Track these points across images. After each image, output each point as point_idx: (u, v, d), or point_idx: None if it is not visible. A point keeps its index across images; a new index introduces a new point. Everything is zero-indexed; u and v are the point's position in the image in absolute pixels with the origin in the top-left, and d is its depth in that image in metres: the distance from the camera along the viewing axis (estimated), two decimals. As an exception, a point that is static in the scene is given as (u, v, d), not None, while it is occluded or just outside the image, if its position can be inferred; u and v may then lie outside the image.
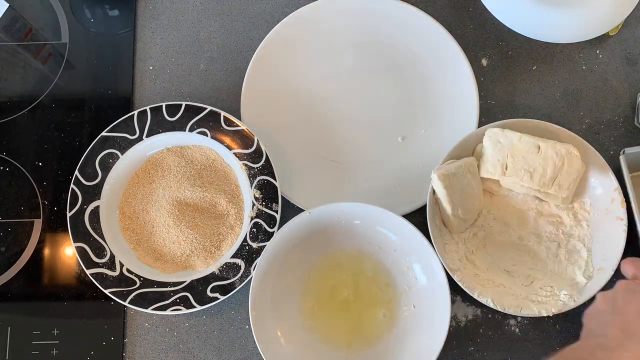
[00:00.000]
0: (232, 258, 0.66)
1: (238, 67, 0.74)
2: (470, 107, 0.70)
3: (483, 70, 0.74)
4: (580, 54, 0.74)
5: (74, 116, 0.74)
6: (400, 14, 0.73)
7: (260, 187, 0.67)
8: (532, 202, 0.67)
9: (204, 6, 0.78)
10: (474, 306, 0.67)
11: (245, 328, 0.67)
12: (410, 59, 0.74)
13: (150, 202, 0.69)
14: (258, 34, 0.75)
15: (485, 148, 0.64)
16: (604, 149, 0.71)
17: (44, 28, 0.78)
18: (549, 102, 0.73)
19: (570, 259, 0.65)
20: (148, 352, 0.67)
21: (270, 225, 0.66)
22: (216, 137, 0.69)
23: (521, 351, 0.66)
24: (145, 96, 0.75)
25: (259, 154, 0.68)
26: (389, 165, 0.71)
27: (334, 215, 0.64)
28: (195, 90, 0.75)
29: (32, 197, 0.71)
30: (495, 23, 0.72)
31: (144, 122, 0.69)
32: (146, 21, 0.77)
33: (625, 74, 0.74)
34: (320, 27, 0.74)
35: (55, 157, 0.72)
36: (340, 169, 0.71)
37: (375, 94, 0.73)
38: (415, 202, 0.68)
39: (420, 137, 0.72)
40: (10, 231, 0.70)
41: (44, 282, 0.69)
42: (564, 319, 0.67)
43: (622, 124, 0.72)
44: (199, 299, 0.65)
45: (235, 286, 0.65)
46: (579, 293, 0.62)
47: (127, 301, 0.65)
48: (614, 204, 0.64)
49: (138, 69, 0.76)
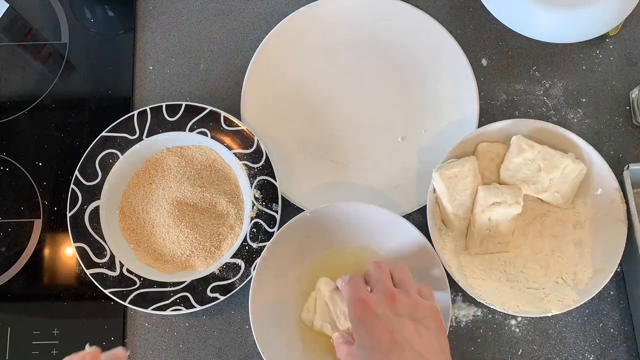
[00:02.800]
0: (232, 258, 0.66)
1: (238, 67, 0.74)
2: (470, 107, 0.70)
3: (483, 70, 0.74)
4: (580, 54, 0.74)
5: (74, 116, 0.74)
6: (400, 14, 0.73)
7: (260, 187, 0.67)
8: (532, 202, 0.67)
9: (204, 6, 0.78)
10: (474, 306, 0.67)
11: (245, 328, 0.67)
12: (410, 59, 0.74)
13: (150, 202, 0.69)
14: (258, 34, 0.76)
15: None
16: (604, 149, 0.71)
17: (44, 28, 0.78)
18: (549, 102, 0.73)
19: (570, 260, 0.65)
20: (148, 352, 0.67)
21: (270, 225, 0.66)
22: (216, 137, 0.69)
23: (521, 351, 0.66)
24: (145, 96, 0.75)
25: (259, 154, 0.68)
26: (389, 165, 0.71)
27: (334, 215, 0.64)
28: (195, 90, 0.75)
29: (32, 197, 0.71)
30: (495, 23, 0.72)
31: (144, 122, 0.69)
32: (146, 21, 0.77)
33: (625, 74, 0.74)
34: (320, 27, 0.74)
35: (55, 157, 0.72)
36: (340, 169, 0.71)
37: (375, 94, 0.73)
38: (415, 202, 0.69)
39: (420, 137, 0.72)
40: (10, 231, 0.70)
41: (44, 282, 0.69)
42: (564, 319, 0.67)
43: (622, 123, 0.72)
44: (199, 299, 0.65)
45: (235, 286, 0.65)
46: (579, 293, 0.62)
47: (127, 301, 0.65)
48: (613, 204, 0.64)
49: (138, 69, 0.76)
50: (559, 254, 0.65)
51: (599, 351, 0.66)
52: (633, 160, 0.70)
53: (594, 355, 0.65)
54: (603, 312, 0.67)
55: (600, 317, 0.66)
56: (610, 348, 0.66)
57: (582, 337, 0.66)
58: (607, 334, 0.66)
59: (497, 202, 0.63)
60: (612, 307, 0.67)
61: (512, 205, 0.63)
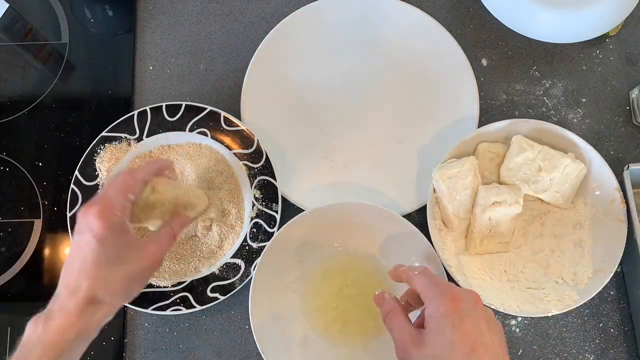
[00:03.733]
0: (232, 258, 0.66)
1: (238, 67, 0.74)
2: (470, 107, 0.70)
3: (483, 70, 0.74)
4: (580, 54, 0.74)
5: (74, 116, 0.74)
6: (400, 14, 0.73)
7: (260, 187, 0.67)
8: (532, 202, 0.67)
9: (204, 6, 0.78)
10: (474, 306, 0.67)
11: (245, 328, 0.67)
12: (410, 59, 0.74)
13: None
14: (258, 34, 0.75)
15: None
16: (604, 149, 0.71)
17: (44, 28, 0.78)
18: (549, 102, 0.73)
19: (570, 260, 0.65)
20: (148, 352, 0.67)
21: (270, 225, 0.66)
22: (216, 137, 0.69)
23: (521, 351, 0.66)
24: (145, 96, 0.75)
25: (259, 154, 0.68)
26: (389, 165, 0.71)
27: (334, 215, 0.64)
28: (195, 90, 0.75)
29: (32, 197, 0.71)
30: (495, 23, 0.72)
31: (144, 122, 0.69)
32: (146, 21, 0.77)
33: (625, 74, 0.74)
34: (320, 28, 0.74)
35: (55, 157, 0.72)
36: (340, 169, 0.71)
37: (375, 94, 0.73)
38: (415, 202, 0.69)
39: (420, 137, 0.72)
40: (10, 231, 0.70)
41: (44, 282, 0.69)
42: (564, 319, 0.67)
43: (622, 123, 0.72)
44: (199, 299, 0.65)
45: (235, 286, 0.65)
46: (579, 293, 0.62)
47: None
48: (613, 204, 0.64)
49: (138, 69, 0.76)
50: (559, 254, 0.65)
51: (599, 351, 0.66)
52: (633, 160, 0.70)
53: (594, 355, 0.65)
54: (603, 312, 0.67)
55: (600, 317, 0.66)
56: (610, 348, 0.66)
57: (582, 337, 0.66)
58: (607, 334, 0.66)
59: (497, 201, 0.63)
60: (612, 307, 0.67)
61: (512, 205, 0.62)
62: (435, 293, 0.49)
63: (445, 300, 0.48)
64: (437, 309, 0.48)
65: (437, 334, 0.47)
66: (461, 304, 0.48)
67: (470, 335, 0.47)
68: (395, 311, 0.52)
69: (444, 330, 0.47)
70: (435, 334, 0.47)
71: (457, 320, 0.47)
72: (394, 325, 0.51)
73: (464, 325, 0.47)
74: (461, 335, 0.47)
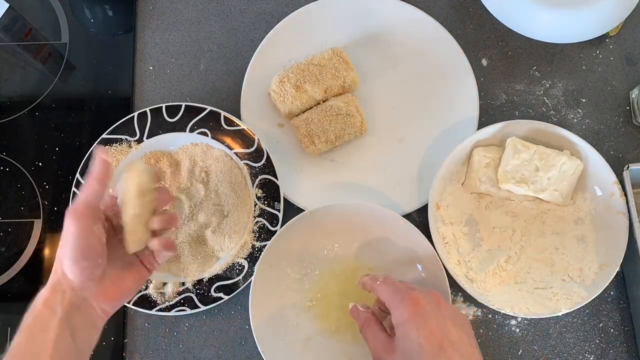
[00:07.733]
0: (236, 257, 0.66)
1: (238, 67, 0.74)
2: (471, 107, 0.70)
3: (483, 70, 0.74)
4: (580, 54, 0.74)
5: (74, 116, 0.74)
6: (400, 14, 0.73)
7: (261, 186, 0.67)
8: (531, 202, 0.67)
9: (204, 6, 0.78)
10: (474, 306, 0.67)
11: (245, 328, 0.67)
12: (410, 59, 0.74)
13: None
14: (258, 34, 0.75)
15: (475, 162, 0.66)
16: (604, 149, 0.71)
17: (44, 28, 0.78)
18: (549, 102, 0.73)
19: (574, 256, 0.65)
20: (148, 352, 0.67)
21: (272, 224, 0.66)
22: (217, 137, 0.69)
23: (521, 351, 0.66)
24: (145, 96, 0.74)
25: (259, 153, 0.68)
26: (389, 165, 0.71)
27: (334, 215, 0.64)
28: (195, 90, 0.75)
29: (32, 197, 0.71)
30: (495, 23, 0.72)
31: (144, 123, 0.69)
32: (146, 21, 0.77)
33: (625, 74, 0.74)
34: (320, 27, 0.74)
35: (55, 157, 0.72)
36: (340, 169, 0.71)
37: (375, 94, 0.73)
38: (415, 202, 0.69)
39: (420, 137, 0.72)
40: (10, 231, 0.70)
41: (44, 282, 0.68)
42: (564, 319, 0.67)
43: (622, 123, 0.72)
44: (203, 299, 0.65)
45: (239, 285, 0.65)
46: (586, 290, 0.62)
47: (131, 303, 0.65)
48: (613, 197, 0.64)
49: (138, 69, 0.76)
50: (563, 251, 0.65)
51: (599, 351, 0.66)
52: (633, 160, 0.71)
53: (594, 355, 0.65)
54: (603, 312, 0.67)
55: (600, 318, 0.66)
56: (610, 348, 0.66)
57: (582, 337, 0.66)
58: (607, 334, 0.66)
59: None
60: (612, 307, 0.67)
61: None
62: (397, 300, 0.51)
63: (406, 305, 0.50)
64: (401, 316, 0.50)
65: (405, 340, 0.49)
66: (422, 306, 0.50)
67: (436, 335, 0.49)
68: (369, 322, 0.54)
69: (409, 335, 0.49)
70: (403, 340, 0.50)
71: (421, 323, 0.49)
72: (368, 335, 0.54)
73: (428, 326, 0.49)
74: (427, 336, 0.48)
